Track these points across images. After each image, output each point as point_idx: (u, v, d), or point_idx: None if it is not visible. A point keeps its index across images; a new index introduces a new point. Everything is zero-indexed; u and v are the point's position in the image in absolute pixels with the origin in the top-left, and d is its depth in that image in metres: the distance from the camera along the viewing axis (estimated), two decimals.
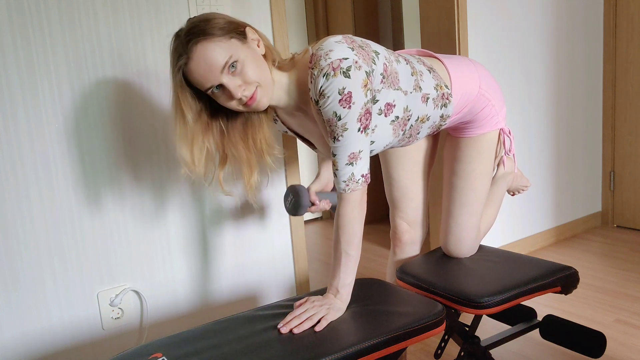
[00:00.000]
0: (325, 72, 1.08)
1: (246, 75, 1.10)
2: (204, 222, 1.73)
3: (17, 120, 1.41)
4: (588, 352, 1.50)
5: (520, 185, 1.70)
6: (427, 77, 1.30)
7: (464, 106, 1.39)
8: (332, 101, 1.09)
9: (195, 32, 1.07)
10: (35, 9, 1.40)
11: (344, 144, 1.13)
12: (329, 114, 1.11)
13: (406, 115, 1.27)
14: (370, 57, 1.15)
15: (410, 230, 1.59)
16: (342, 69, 1.08)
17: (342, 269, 1.18)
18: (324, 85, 1.08)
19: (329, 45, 1.11)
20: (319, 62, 1.09)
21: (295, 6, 3.57)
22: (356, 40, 1.16)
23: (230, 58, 1.08)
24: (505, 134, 1.48)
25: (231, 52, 1.08)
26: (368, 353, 1.04)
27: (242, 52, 1.10)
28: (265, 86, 1.14)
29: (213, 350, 1.04)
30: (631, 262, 2.54)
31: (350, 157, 1.14)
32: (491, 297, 1.28)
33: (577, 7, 2.82)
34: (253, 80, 1.11)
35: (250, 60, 1.10)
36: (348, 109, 1.10)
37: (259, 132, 1.23)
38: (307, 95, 1.18)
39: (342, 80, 1.08)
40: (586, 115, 2.98)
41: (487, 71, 1.45)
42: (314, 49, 1.14)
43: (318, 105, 1.12)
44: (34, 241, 1.46)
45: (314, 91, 1.11)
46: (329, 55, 1.09)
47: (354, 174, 1.14)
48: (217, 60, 1.07)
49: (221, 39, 1.07)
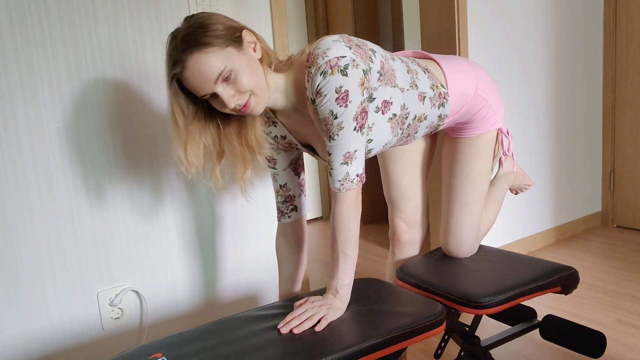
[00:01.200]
0: (323, 70, 1.08)
1: (240, 84, 1.10)
2: (204, 222, 1.73)
3: (17, 120, 1.41)
4: (588, 352, 1.50)
5: (522, 183, 1.70)
6: (422, 77, 1.30)
7: (461, 106, 1.39)
8: (328, 99, 1.09)
9: (190, 41, 1.06)
10: (35, 9, 1.40)
11: (339, 143, 1.13)
12: (325, 112, 1.11)
13: (404, 113, 1.26)
14: (367, 55, 1.15)
15: (409, 230, 1.58)
16: (340, 67, 1.08)
17: (340, 269, 1.18)
18: (321, 83, 1.08)
19: (327, 44, 1.11)
20: (317, 60, 1.09)
21: (295, 6, 3.57)
22: (353, 40, 1.16)
23: (224, 69, 1.07)
24: (503, 133, 1.49)
25: (225, 63, 1.07)
26: (368, 353, 1.04)
27: (237, 60, 1.09)
28: (259, 94, 1.13)
29: (213, 350, 1.04)
30: (631, 262, 2.54)
31: (346, 157, 1.14)
32: (491, 297, 1.28)
33: (577, 7, 2.82)
34: (247, 89, 1.11)
35: (245, 68, 1.10)
36: (344, 107, 1.10)
37: (251, 130, 1.23)
38: (305, 96, 1.18)
39: (339, 78, 1.08)
40: (586, 115, 2.98)
41: (485, 71, 1.45)
42: (310, 48, 1.14)
43: (314, 104, 1.11)
44: (34, 241, 1.46)
45: (310, 90, 1.11)
46: (327, 53, 1.09)
47: (349, 173, 1.14)
48: (211, 71, 1.07)
49: (216, 49, 1.06)
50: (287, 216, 1.37)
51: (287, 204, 1.37)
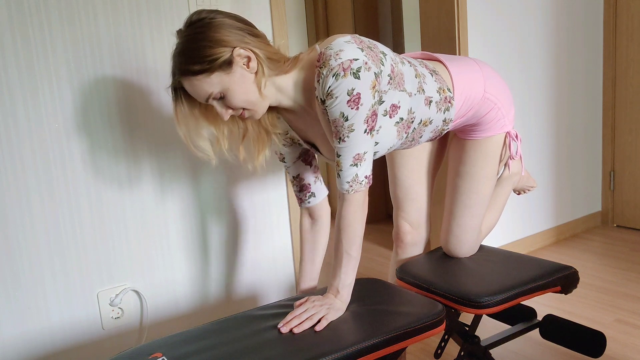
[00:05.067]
0: (335, 72, 1.07)
1: (230, 103, 1.13)
2: (204, 222, 1.73)
3: (17, 120, 1.41)
4: (588, 352, 1.50)
5: (526, 185, 1.69)
6: (429, 80, 1.29)
7: (468, 109, 1.38)
8: (340, 102, 1.08)
9: (182, 69, 1.10)
10: (35, 9, 1.40)
11: (349, 145, 1.13)
12: (335, 114, 1.10)
13: (410, 117, 1.26)
14: (378, 58, 1.14)
15: (413, 232, 1.58)
16: (353, 69, 1.07)
17: (343, 269, 1.18)
18: (333, 85, 1.08)
19: (339, 45, 1.10)
20: (329, 61, 1.08)
21: (295, 6, 3.57)
22: (364, 41, 1.15)
23: (214, 92, 1.11)
24: (512, 137, 1.47)
25: (213, 88, 1.11)
26: (368, 353, 1.04)
27: (227, 82, 1.11)
28: (251, 108, 1.16)
29: (213, 350, 1.04)
30: (631, 262, 2.54)
31: (355, 158, 1.14)
32: (491, 297, 1.28)
33: (577, 7, 2.82)
34: (238, 107, 1.14)
35: (235, 88, 1.12)
36: (356, 110, 1.09)
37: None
38: (312, 95, 1.18)
39: (351, 81, 1.07)
40: (586, 115, 2.98)
41: (495, 72, 1.43)
42: (321, 47, 1.13)
43: (324, 105, 1.11)
44: (34, 241, 1.46)
45: (320, 90, 1.10)
46: (340, 55, 1.08)
47: (358, 175, 1.14)
48: (202, 94, 1.12)
49: (204, 76, 1.09)
50: (307, 202, 1.39)
51: (304, 192, 1.38)
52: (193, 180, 1.69)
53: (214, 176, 1.73)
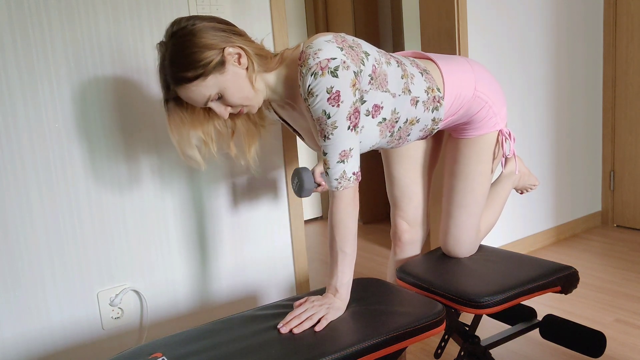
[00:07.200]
0: (314, 71, 1.10)
1: (229, 101, 1.17)
2: (204, 222, 1.73)
3: (17, 120, 1.41)
4: (588, 352, 1.50)
5: (528, 183, 1.69)
6: (418, 80, 1.30)
7: (458, 108, 1.39)
8: (320, 100, 1.11)
9: (176, 78, 1.12)
10: (35, 9, 1.40)
11: (334, 142, 1.14)
12: (318, 112, 1.13)
13: (394, 117, 1.28)
14: (359, 57, 1.16)
15: (410, 230, 1.59)
16: (330, 68, 1.10)
17: (340, 267, 1.18)
18: (312, 84, 1.10)
19: (318, 44, 1.12)
20: (308, 60, 1.11)
21: (295, 6, 3.57)
22: (347, 40, 1.16)
23: (212, 94, 1.14)
24: (505, 135, 1.47)
25: (210, 91, 1.14)
26: (368, 353, 1.04)
27: (222, 82, 1.14)
28: (250, 104, 1.20)
29: (213, 350, 1.04)
30: (631, 262, 2.54)
31: (342, 155, 1.15)
32: (491, 297, 1.28)
33: (577, 6, 2.82)
34: (236, 105, 1.18)
35: (231, 87, 1.15)
36: (337, 107, 1.11)
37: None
38: (297, 91, 1.21)
39: (329, 79, 1.10)
40: (586, 115, 2.98)
41: (487, 71, 1.45)
42: (304, 45, 1.15)
43: (307, 102, 1.14)
44: (34, 241, 1.46)
45: (303, 89, 1.13)
46: (318, 54, 1.10)
47: (346, 171, 1.16)
48: (200, 98, 1.14)
49: (200, 80, 1.12)
50: None
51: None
52: (193, 180, 1.69)
53: (214, 176, 1.73)
